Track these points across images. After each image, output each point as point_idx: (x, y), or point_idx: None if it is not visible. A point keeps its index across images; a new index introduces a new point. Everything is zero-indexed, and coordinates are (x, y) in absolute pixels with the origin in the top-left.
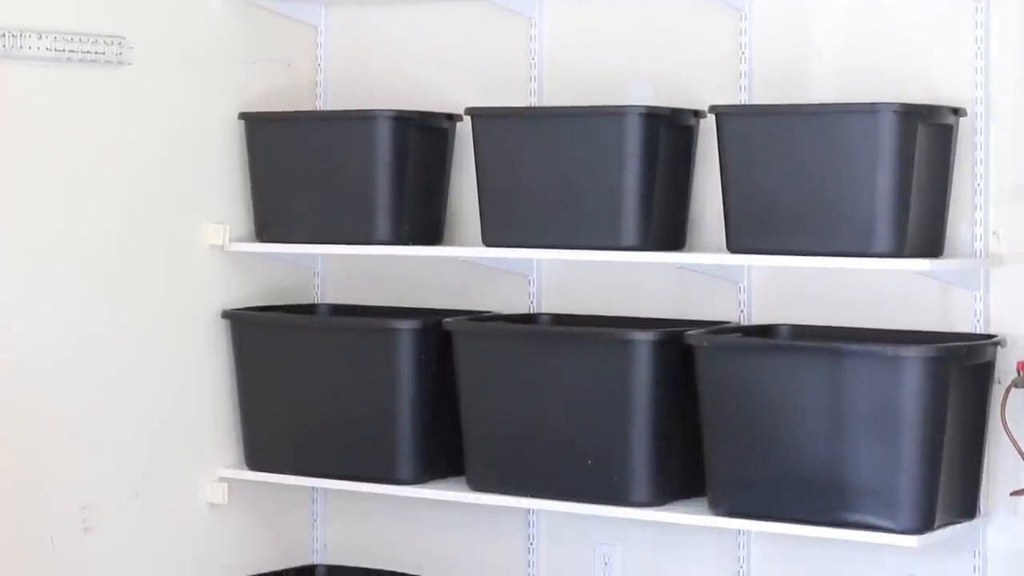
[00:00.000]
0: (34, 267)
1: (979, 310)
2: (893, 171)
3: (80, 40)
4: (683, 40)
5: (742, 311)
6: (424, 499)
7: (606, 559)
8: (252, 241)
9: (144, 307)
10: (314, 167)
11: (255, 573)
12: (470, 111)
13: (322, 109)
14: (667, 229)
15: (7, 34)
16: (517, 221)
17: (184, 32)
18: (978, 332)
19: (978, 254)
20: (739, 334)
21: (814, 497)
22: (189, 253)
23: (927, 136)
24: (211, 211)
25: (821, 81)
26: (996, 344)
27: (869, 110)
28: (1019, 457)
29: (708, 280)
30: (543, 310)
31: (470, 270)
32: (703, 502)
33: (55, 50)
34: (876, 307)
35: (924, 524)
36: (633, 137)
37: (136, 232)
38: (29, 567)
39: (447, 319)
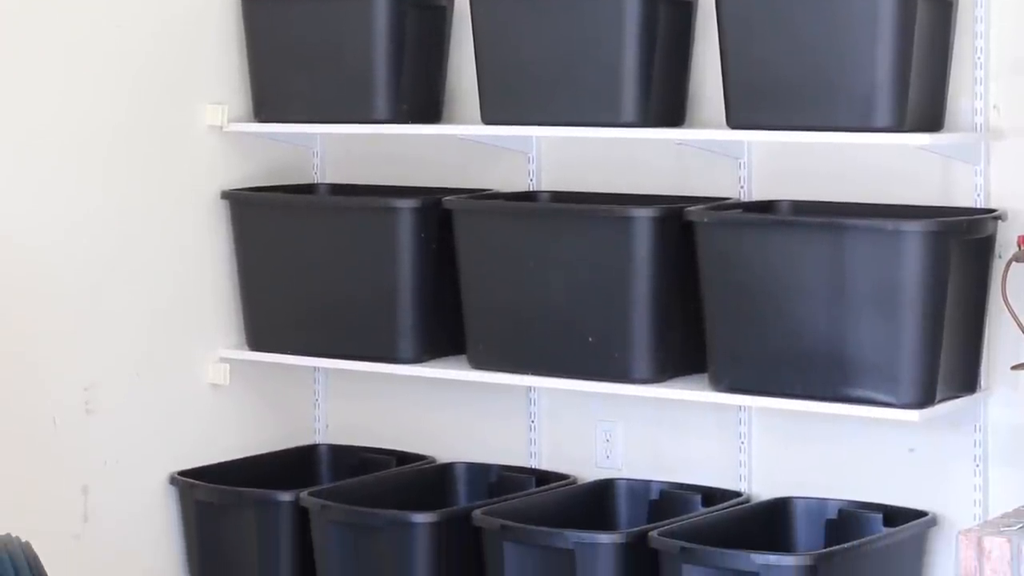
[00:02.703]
0: (33, 149)
1: (979, 184)
2: (893, 45)
3: None
4: None
5: (742, 187)
6: (425, 378)
7: (607, 436)
8: (250, 121)
9: (143, 188)
10: (312, 46)
11: (257, 453)
12: None
13: None
14: (667, 105)
15: None
16: (516, 98)
17: None
18: (978, 206)
19: (978, 128)
20: (739, 210)
21: (815, 372)
22: (187, 134)
23: (927, 9)
24: (209, 91)
25: None
26: (996, 218)
27: None
28: (1019, 331)
29: (708, 156)
30: (543, 188)
31: (469, 148)
32: (704, 378)
33: None
34: (876, 182)
35: (925, 398)
36: (632, 12)
37: (134, 113)
38: (31, 449)
39: (447, 198)
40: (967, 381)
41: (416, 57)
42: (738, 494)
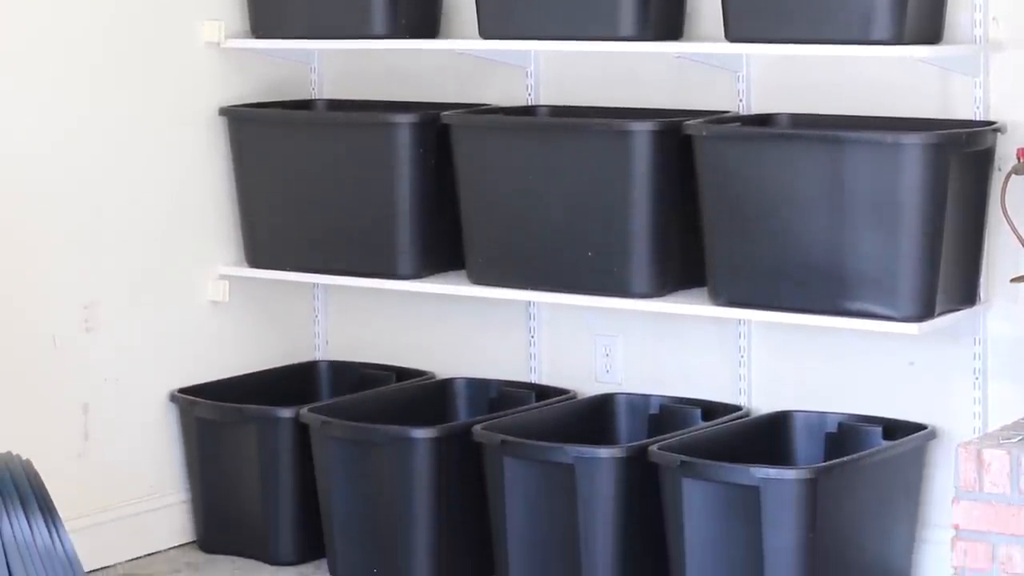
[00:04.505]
0: (30, 67)
1: (979, 96)
2: None
3: None
4: None
5: (741, 100)
6: (425, 293)
7: (607, 350)
8: (248, 37)
9: (142, 105)
10: None
11: (257, 370)
12: None
13: None
14: (665, 18)
15: None
16: (514, 12)
17: None
18: (978, 119)
19: (977, 40)
20: (738, 123)
21: (815, 286)
22: (185, 50)
23: None
24: (206, 7)
25: None
26: (996, 130)
27: None
28: (1019, 244)
29: (706, 70)
30: (541, 102)
31: (467, 63)
32: (703, 292)
33: None
34: (875, 95)
35: (924, 311)
36: None
37: (131, 30)
38: (31, 367)
39: (445, 112)
40: (966, 294)
41: None
42: (738, 408)
